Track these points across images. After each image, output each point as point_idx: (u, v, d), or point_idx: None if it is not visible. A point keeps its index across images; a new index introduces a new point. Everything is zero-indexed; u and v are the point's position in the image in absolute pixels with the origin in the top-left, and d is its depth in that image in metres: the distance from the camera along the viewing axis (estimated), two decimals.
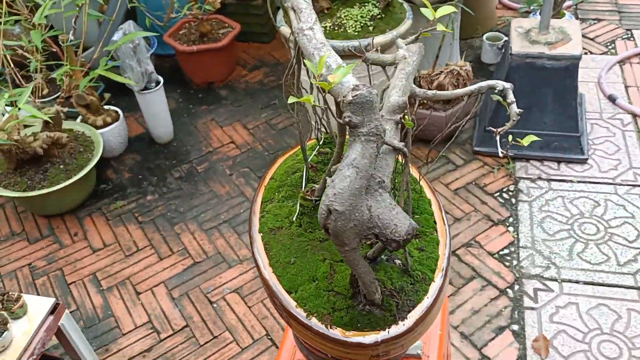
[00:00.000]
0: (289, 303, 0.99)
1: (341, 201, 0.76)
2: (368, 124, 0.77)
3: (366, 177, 0.78)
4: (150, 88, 2.83)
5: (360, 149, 0.78)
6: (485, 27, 3.60)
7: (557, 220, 2.47)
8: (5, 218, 2.72)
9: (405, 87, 0.92)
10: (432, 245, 1.02)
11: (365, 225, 0.80)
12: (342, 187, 0.76)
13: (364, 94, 0.75)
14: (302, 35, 0.90)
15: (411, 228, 0.80)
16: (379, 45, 2.34)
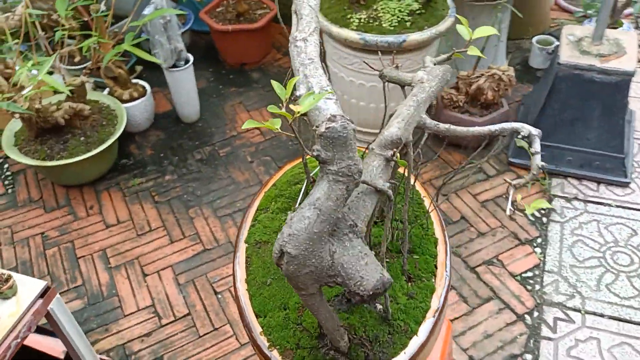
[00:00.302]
0: (255, 328, 0.92)
1: (295, 244, 0.67)
2: (338, 162, 0.66)
3: (329, 221, 0.68)
4: (179, 66, 2.77)
5: (326, 189, 0.68)
6: (537, 29, 3.40)
7: (589, 246, 2.30)
8: (26, 184, 2.72)
9: (411, 116, 0.81)
10: (424, 293, 0.91)
11: (325, 273, 0.70)
12: (299, 228, 0.67)
13: (336, 127, 0.65)
14: (294, 47, 0.79)
15: (380, 283, 0.70)
16: (415, 43, 2.20)
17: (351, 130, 0.66)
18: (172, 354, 2.05)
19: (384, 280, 0.71)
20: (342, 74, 2.45)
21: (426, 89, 0.87)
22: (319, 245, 0.69)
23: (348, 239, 0.72)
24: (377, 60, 2.28)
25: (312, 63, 0.75)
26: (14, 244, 2.45)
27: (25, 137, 2.54)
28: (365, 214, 0.74)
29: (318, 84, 0.72)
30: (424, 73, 0.91)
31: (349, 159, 0.67)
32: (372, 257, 0.73)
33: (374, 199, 0.75)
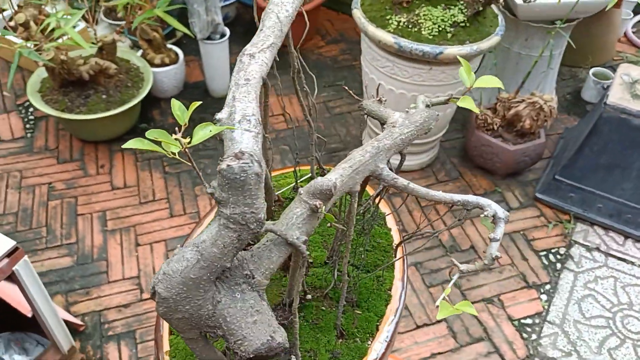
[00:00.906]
0: (164, 344, 0.85)
1: (167, 286, 0.59)
2: (232, 207, 0.57)
3: (211, 269, 0.59)
4: (214, 39, 2.70)
5: (214, 233, 0.59)
6: (598, 59, 3.17)
7: (600, 303, 2.14)
8: (45, 131, 2.73)
9: (363, 164, 0.71)
10: (351, 356, 0.82)
11: (204, 322, 0.62)
12: (175, 269, 0.59)
13: (234, 168, 0.56)
14: (238, 61, 0.70)
15: (266, 347, 0.61)
16: (453, 57, 2.06)
17: (253, 174, 0.57)
18: (145, 331, 2.02)
19: (272, 345, 0.62)
20: (373, 76, 2.34)
21: (394, 136, 0.77)
22: (195, 292, 0.61)
23: (240, 290, 0.64)
24: (409, 68, 2.16)
25: (246, 85, 0.65)
26: (20, 189, 2.46)
27: (50, 85, 2.54)
28: (269, 267, 0.66)
29: (242, 110, 0.63)
30: (400, 116, 0.81)
31: (245, 205, 0.58)
32: (267, 315, 0.65)
33: (283, 252, 0.66)
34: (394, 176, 0.74)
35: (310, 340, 0.86)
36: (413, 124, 0.79)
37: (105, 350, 1.96)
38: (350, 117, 2.87)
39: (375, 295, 0.90)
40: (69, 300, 2.09)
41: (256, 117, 0.62)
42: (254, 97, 0.64)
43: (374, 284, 0.93)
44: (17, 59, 2.09)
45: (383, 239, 1.04)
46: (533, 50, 2.58)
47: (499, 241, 0.69)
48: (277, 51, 0.74)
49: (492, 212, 0.71)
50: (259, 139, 0.61)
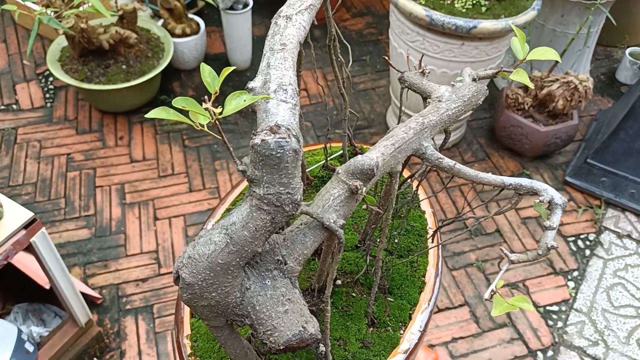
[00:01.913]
0: (185, 327, 0.81)
1: (193, 271, 0.54)
2: (266, 186, 0.52)
3: (242, 254, 0.54)
4: (236, 9, 2.63)
5: (245, 215, 0.53)
6: (635, 39, 3.04)
7: (630, 292, 2.07)
8: (65, 101, 2.69)
9: (406, 142, 0.65)
10: (383, 345, 0.76)
11: (232, 310, 0.57)
12: (201, 253, 0.54)
13: (269, 143, 0.50)
14: (273, 23, 0.64)
15: (298, 339, 0.56)
16: (487, 32, 1.97)
17: (290, 151, 0.51)
18: (162, 305, 2.00)
19: (304, 336, 0.57)
20: (401, 50, 2.25)
21: (440, 111, 0.70)
22: (223, 277, 0.56)
23: (270, 277, 0.59)
24: (440, 43, 2.07)
25: (282, 50, 0.59)
26: (39, 159, 2.44)
27: (70, 54, 2.49)
28: (302, 252, 0.60)
29: (278, 79, 0.56)
30: (447, 90, 0.74)
31: (281, 185, 0.53)
32: (299, 304, 0.59)
33: (318, 236, 0.60)
34: (439, 156, 0.68)
35: (340, 328, 0.81)
36: (461, 98, 0.72)
37: (122, 324, 1.95)
38: (375, 94, 2.79)
39: (408, 282, 0.85)
40: (87, 273, 2.07)
41: (293, 86, 0.56)
42: (290, 64, 0.58)
43: (408, 270, 0.87)
44: (37, 26, 2.04)
45: (417, 222, 0.98)
46: (569, 27, 2.46)
47: (555, 229, 0.63)
48: (315, 14, 0.68)
49: (549, 198, 0.65)
50: (296, 111, 0.55)
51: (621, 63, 2.86)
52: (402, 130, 0.65)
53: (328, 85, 2.80)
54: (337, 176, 0.61)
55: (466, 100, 0.73)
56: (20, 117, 2.60)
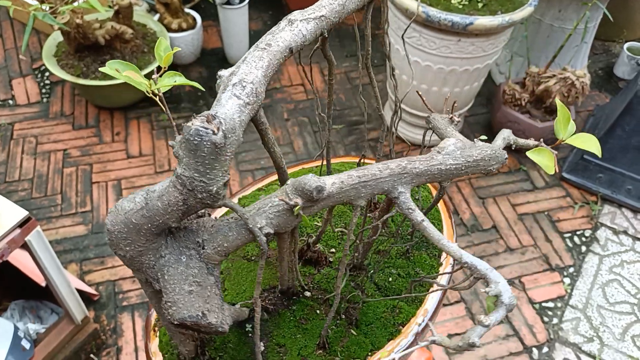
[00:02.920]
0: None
1: (112, 220, 0.59)
2: (183, 168, 0.54)
3: (152, 222, 0.57)
4: (233, 4, 2.62)
5: (164, 187, 0.56)
6: (633, 34, 3.03)
7: (625, 289, 2.07)
8: (61, 97, 2.69)
9: (376, 180, 0.62)
10: (362, 344, 0.76)
11: (146, 270, 0.60)
12: (122, 207, 0.58)
13: (191, 129, 0.51)
14: (278, 23, 0.64)
15: (193, 321, 0.60)
16: (483, 28, 1.96)
17: (208, 142, 0.52)
18: None
19: (200, 322, 0.60)
20: (398, 46, 2.25)
21: (432, 163, 0.64)
22: (135, 236, 0.59)
23: (187, 255, 0.62)
24: (436, 39, 2.06)
25: (264, 50, 0.58)
26: (35, 155, 2.43)
27: (66, 49, 2.48)
28: (222, 244, 0.62)
29: (243, 74, 0.56)
30: (454, 143, 0.67)
31: (196, 171, 0.54)
32: (210, 291, 0.62)
33: (242, 235, 0.62)
34: (411, 206, 0.63)
35: (288, 337, 0.81)
36: (465, 157, 0.66)
37: (119, 320, 1.95)
38: (371, 89, 2.77)
39: (380, 324, 0.82)
40: (84, 269, 2.07)
41: (255, 86, 0.56)
42: (265, 65, 0.58)
43: (386, 312, 0.85)
44: (32, 22, 2.03)
45: (426, 270, 0.93)
46: (566, 23, 2.46)
47: (488, 329, 0.55)
48: (327, 27, 0.66)
49: (496, 292, 0.56)
50: (246, 110, 0.55)
51: (619, 58, 2.86)
52: (378, 167, 0.62)
53: (325, 80, 2.79)
54: (285, 186, 0.61)
55: (471, 162, 0.67)
56: (16, 113, 2.60)
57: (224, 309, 0.65)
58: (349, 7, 0.67)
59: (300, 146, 2.50)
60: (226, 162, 0.55)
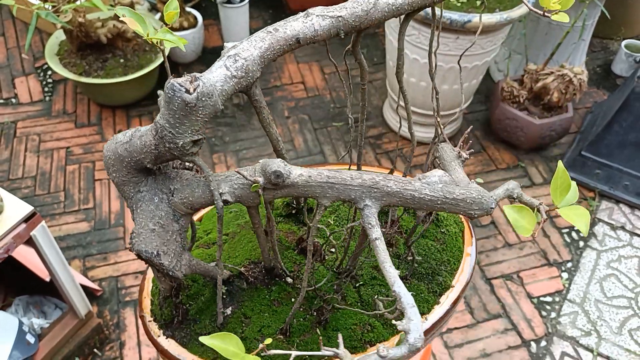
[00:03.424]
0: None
1: (107, 147, 0.69)
2: (160, 116, 0.60)
3: (131, 157, 0.65)
4: (234, 2, 2.64)
5: (146, 129, 0.64)
6: (631, 31, 3.05)
7: (623, 283, 2.09)
8: (64, 95, 2.71)
9: (345, 186, 0.62)
10: None
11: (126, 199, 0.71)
12: (116, 138, 0.68)
13: (169, 84, 0.56)
14: (301, 12, 0.66)
15: (147, 256, 0.67)
16: (481, 26, 1.98)
17: (179, 99, 0.57)
18: None
19: (153, 260, 0.67)
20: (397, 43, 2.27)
21: (407, 187, 0.63)
22: (119, 166, 0.67)
23: (159, 197, 0.68)
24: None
25: (269, 33, 0.60)
26: (39, 152, 2.46)
27: (68, 48, 2.51)
28: (188, 197, 0.68)
29: (241, 50, 0.59)
30: (441, 176, 0.65)
31: (167, 122, 0.59)
32: (170, 235, 0.69)
33: (206, 196, 0.68)
34: (371, 222, 0.62)
35: (257, 311, 0.84)
36: (444, 192, 0.64)
37: (122, 315, 1.97)
38: (371, 87, 2.80)
39: (346, 335, 0.83)
40: (87, 265, 2.10)
41: (247, 63, 0.59)
42: (264, 46, 0.60)
43: (358, 325, 0.85)
44: (35, 20, 2.05)
45: (417, 303, 0.87)
46: None
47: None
48: (344, 28, 0.65)
49: (404, 328, 0.54)
50: (231, 82, 0.59)
51: (617, 55, 2.88)
52: (350, 174, 0.64)
53: (325, 78, 2.81)
54: (258, 164, 0.64)
55: (449, 199, 0.64)
56: (19, 111, 2.62)
57: (182, 258, 0.72)
58: (373, 15, 0.64)
59: (300, 143, 2.52)
60: (197, 122, 0.59)
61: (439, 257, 0.96)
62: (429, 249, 0.97)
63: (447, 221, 1.04)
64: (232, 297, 0.87)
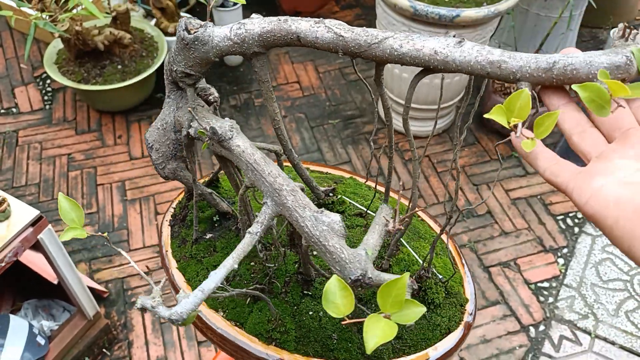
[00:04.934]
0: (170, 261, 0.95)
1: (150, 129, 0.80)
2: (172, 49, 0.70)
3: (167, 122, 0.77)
4: (227, 6, 2.68)
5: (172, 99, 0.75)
6: (619, 19, 3.09)
7: (618, 267, 2.14)
8: (63, 103, 2.75)
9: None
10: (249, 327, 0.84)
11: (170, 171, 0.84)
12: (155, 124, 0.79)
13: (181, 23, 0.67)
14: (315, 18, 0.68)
15: (147, 144, 0.81)
16: (469, 20, 2.02)
17: (180, 36, 0.66)
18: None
19: (150, 150, 0.81)
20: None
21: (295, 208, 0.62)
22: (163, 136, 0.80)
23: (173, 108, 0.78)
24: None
25: (275, 22, 0.62)
26: (41, 160, 2.50)
27: (66, 56, 2.55)
28: (179, 118, 0.77)
29: (249, 23, 0.66)
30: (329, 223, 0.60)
31: (173, 50, 0.70)
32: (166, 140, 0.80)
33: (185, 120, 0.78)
34: (258, 220, 0.63)
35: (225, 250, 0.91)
36: (320, 235, 0.60)
37: (129, 316, 2.02)
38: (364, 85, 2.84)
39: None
40: (92, 268, 2.14)
41: (246, 34, 0.64)
42: (266, 29, 0.63)
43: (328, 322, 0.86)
44: (33, 30, 2.10)
45: (413, 332, 0.82)
46: (552, 11, 2.52)
47: None
48: (342, 49, 0.62)
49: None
50: (226, 42, 0.66)
51: (606, 44, 2.92)
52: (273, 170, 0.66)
53: (320, 77, 2.86)
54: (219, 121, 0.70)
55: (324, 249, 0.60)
56: (20, 120, 2.67)
57: (169, 163, 0.82)
58: (374, 51, 0.62)
59: (298, 141, 2.57)
60: (189, 59, 0.68)
61: None
62: None
63: None
64: (220, 228, 0.95)
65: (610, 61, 0.52)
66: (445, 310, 0.84)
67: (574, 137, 0.55)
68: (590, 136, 0.55)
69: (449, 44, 0.60)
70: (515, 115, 0.51)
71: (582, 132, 0.55)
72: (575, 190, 0.52)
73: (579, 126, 0.55)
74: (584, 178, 0.52)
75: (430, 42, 0.61)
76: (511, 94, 0.51)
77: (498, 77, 0.56)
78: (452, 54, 0.58)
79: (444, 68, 0.60)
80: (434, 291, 0.84)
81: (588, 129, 0.55)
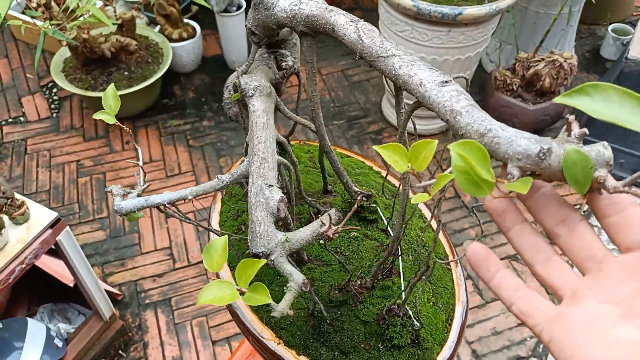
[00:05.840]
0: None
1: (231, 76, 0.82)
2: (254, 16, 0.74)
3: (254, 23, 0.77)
4: (230, 11, 2.72)
5: None
6: (617, 16, 3.14)
7: None
8: (70, 110, 2.78)
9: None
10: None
11: None
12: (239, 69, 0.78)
13: None
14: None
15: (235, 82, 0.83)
16: (472, 17, 2.06)
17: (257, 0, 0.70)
18: (180, 298, 2.09)
19: (238, 71, 0.79)
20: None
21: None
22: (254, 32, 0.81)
23: (260, 60, 0.82)
24: (428, 31, 2.16)
25: (326, 9, 0.66)
26: (50, 167, 2.53)
27: (73, 64, 2.58)
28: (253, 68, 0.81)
29: (307, 2, 0.68)
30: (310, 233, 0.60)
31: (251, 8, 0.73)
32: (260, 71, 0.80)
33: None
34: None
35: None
36: None
37: (143, 318, 2.04)
38: (369, 85, 2.88)
39: None
40: (105, 272, 2.16)
41: (297, 13, 0.67)
42: (314, 13, 0.64)
43: None
44: (42, 39, 2.13)
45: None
46: (551, 8, 2.56)
47: None
48: (360, 54, 0.66)
49: None
50: (282, 15, 0.69)
51: (605, 40, 2.96)
52: (256, 161, 0.68)
53: (323, 79, 2.89)
54: None
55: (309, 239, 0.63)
56: (28, 129, 2.69)
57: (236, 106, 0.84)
58: (380, 64, 0.64)
59: None
60: (255, 19, 0.73)
61: None
62: None
63: None
64: None
65: (526, 147, 0.45)
66: (405, 357, 0.75)
67: (538, 266, 0.48)
68: (558, 267, 0.48)
69: (434, 80, 0.57)
70: (415, 165, 0.47)
71: (546, 260, 0.48)
72: (554, 343, 0.43)
73: (541, 253, 0.48)
74: (562, 329, 0.43)
75: (423, 73, 0.58)
76: (419, 142, 0.47)
77: (451, 127, 0.51)
78: (430, 90, 0.54)
79: (422, 101, 0.59)
80: (396, 331, 0.75)
81: (552, 257, 0.48)
